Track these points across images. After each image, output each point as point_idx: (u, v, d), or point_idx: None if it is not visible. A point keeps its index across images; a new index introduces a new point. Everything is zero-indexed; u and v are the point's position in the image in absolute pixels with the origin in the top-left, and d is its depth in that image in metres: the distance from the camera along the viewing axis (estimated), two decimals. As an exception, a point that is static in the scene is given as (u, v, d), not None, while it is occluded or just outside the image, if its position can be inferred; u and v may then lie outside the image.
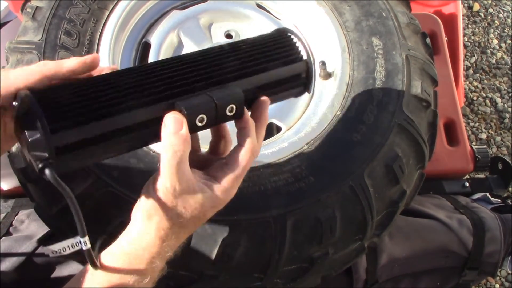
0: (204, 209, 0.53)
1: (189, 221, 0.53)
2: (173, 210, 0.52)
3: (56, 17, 0.81)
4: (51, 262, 0.82)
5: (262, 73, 0.57)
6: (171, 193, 0.51)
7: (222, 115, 0.51)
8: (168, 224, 0.53)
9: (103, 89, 0.48)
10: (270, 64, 0.58)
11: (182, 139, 0.49)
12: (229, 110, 0.51)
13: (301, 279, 0.76)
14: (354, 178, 0.72)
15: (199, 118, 0.50)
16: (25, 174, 0.73)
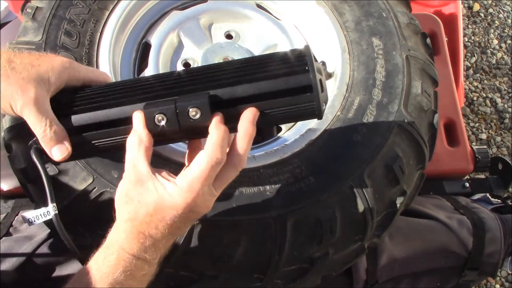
0: (159, 207, 0.53)
1: (146, 217, 0.54)
2: (130, 202, 0.55)
3: (56, 17, 0.81)
4: (51, 263, 0.82)
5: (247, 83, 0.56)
6: (128, 184, 0.55)
7: (185, 117, 0.54)
8: (128, 217, 0.55)
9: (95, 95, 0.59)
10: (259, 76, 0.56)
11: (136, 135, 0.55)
12: (193, 114, 0.54)
13: (301, 280, 0.76)
14: (354, 179, 0.72)
15: (157, 117, 0.55)
16: (25, 175, 0.73)
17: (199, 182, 0.53)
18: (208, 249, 0.69)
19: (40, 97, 0.56)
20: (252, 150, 0.81)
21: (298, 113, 0.56)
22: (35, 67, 0.57)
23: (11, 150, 0.74)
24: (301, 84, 0.55)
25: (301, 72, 0.55)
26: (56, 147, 0.57)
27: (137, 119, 0.55)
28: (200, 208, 0.55)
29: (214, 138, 0.54)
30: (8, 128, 0.75)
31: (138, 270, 0.56)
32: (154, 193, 0.54)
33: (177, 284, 0.73)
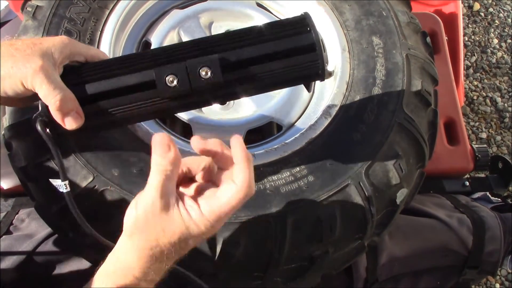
0: (183, 237, 0.52)
1: (167, 246, 0.53)
2: (151, 230, 0.52)
3: (57, 16, 0.81)
4: (51, 261, 0.82)
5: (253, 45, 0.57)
6: (151, 211, 0.52)
7: (196, 77, 0.56)
8: (146, 245, 0.53)
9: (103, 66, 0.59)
10: (263, 38, 0.58)
11: (168, 160, 0.52)
12: (203, 73, 0.55)
13: (301, 278, 0.76)
14: (354, 177, 0.72)
15: (169, 78, 0.55)
16: (25, 173, 0.74)
17: (226, 215, 0.53)
18: (208, 248, 0.69)
19: (48, 67, 0.55)
20: (252, 149, 0.81)
21: (303, 73, 0.59)
22: (37, 45, 0.57)
23: (11, 149, 0.74)
24: (306, 43, 0.57)
25: (304, 32, 0.58)
26: (68, 116, 0.56)
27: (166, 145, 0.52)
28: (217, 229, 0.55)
29: (247, 174, 0.53)
30: (8, 127, 0.75)
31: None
32: (179, 222, 0.52)
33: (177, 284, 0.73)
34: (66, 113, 0.56)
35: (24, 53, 0.56)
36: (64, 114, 0.56)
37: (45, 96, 0.55)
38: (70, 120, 0.57)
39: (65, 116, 0.56)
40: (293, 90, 0.88)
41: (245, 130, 0.85)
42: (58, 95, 0.55)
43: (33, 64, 0.55)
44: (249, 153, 0.54)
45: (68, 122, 0.57)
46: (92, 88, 0.57)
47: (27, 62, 0.55)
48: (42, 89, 0.55)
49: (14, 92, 0.57)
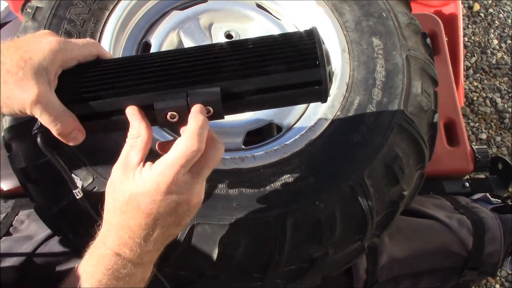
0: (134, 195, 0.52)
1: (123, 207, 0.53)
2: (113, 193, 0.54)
3: (56, 17, 0.81)
4: (51, 262, 0.82)
5: (256, 76, 0.55)
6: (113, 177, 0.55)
7: None
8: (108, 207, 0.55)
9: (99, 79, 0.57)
10: (269, 69, 0.55)
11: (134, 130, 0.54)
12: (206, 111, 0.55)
13: (301, 279, 0.76)
14: (354, 178, 0.72)
15: (170, 115, 0.55)
16: (25, 174, 0.74)
17: (172, 167, 0.51)
18: (208, 249, 0.69)
19: (44, 94, 0.54)
20: (252, 150, 0.81)
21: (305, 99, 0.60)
22: (27, 61, 0.54)
23: (11, 150, 0.74)
24: (312, 79, 0.55)
25: (312, 66, 0.55)
26: (71, 135, 0.57)
27: (132, 114, 0.55)
28: (177, 197, 0.52)
29: (193, 127, 0.52)
30: (8, 128, 0.75)
31: (121, 269, 0.54)
32: (131, 180, 0.53)
33: (177, 284, 0.73)
34: (67, 134, 0.57)
35: (17, 77, 0.53)
36: (66, 136, 0.57)
37: (47, 123, 0.56)
38: (73, 139, 0.57)
39: (67, 136, 0.57)
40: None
41: (245, 132, 0.85)
42: (59, 123, 0.55)
43: (29, 94, 0.53)
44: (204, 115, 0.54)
45: (71, 141, 0.57)
46: (90, 108, 0.57)
47: (23, 90, 0.53)
48: (43, 118, 0.55)
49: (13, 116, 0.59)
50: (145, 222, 0.53)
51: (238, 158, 0.75)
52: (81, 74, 0.58)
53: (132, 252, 0.54)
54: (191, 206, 0.54)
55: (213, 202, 0.70)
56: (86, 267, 0.56)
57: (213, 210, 0.69)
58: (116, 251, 0.54)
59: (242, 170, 0.73)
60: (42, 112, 0.54)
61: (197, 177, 0.54)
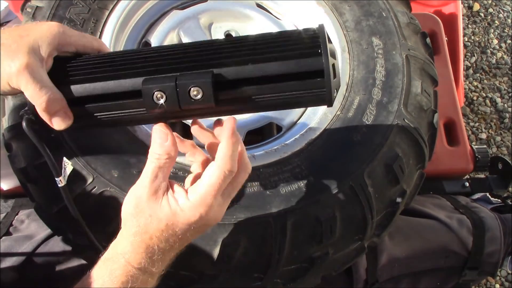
0: (170, 223, 0.52)
1: (156, 233, 0.53)
2: (141, 216, 0.53)
3: (56, 17, 0.81)
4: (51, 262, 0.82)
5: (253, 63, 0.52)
6: (140, 197, 0.53)
7: (186, 97, 0.51)
8: (137, 230, 0.53)
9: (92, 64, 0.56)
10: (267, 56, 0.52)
11: (162, 149, 0.53)
12: (194, 93, 0.51)
13: (301, 279, 0.76)
14: (354, 178, 0.72)
15: (156, 95, 0.51)
16: (25, 174, 0.73)
17: (211, 195, 0.52)
18: (208, 249, 0.69)
19: (34, 65, 0.52)
20: (252, 150, 0.81)
21: (308, 99, 0.53)
22: (23, 37, 0.53)
23: (11, 150, 0.74)
24: (312, 69, 0.51)
25: (313, 55, 0.51)
26: (56, 117, 0.54)
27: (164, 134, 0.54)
28: (211, 221, 0.54)
29: (225, 150, 0.52)
30: (8, 128, 0.75)
31: (143, 284, 0.54)
32: (166, 209, 0.52)
33: (177, 284, 0.73)
34: (53, 113, 0.54)
35: (10, 49, 0.52)
36: (51, 114, 0.54)
37: (31, 96, 0.53)
38: (58, 121, 0.54)
39: (53, 116, 0.54)
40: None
41: (245, 131, 0.85)
42: (45, 95, 0.52)
43: (17, 63, 0.52)
44: (237, 133, 0.53)
45: (56, 123, 0.54)
46: (80, 90, 0.54)
47: (12, 60, 0.52)
48: (28, 90, 0.52)
49: (6, 89, 0.55)
50: (178, 244, 0.54)
51: (238, 157, 0.75)
52: (75, 60, 0.57)
53: (158, 269, 0.55)
54: (213, 225, 0.56)
55: None
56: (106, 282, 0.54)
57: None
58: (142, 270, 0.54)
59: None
60: (27, 82, 0.52)
61: (228, 199, 0.55)
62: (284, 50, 0.52)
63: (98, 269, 0.56)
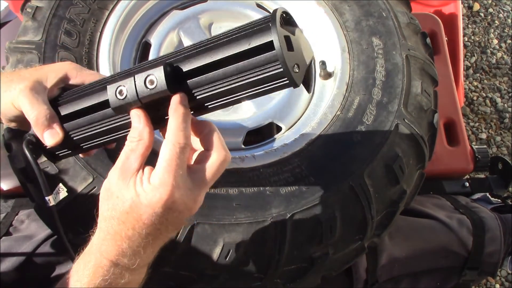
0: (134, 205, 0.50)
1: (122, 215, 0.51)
2: (109, 198, 0.52)
3: (56, 17, 0.81)
4: (51, 262, 0.82)
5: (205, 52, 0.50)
6: (110, 180, 0.52)
7: (142, 87, 0.51)
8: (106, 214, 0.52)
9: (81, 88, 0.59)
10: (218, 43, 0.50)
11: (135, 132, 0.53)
12: (149, 82, 0.51)
13: (301, 279, 0.76)
14: (354, 178, 0.72)
15: (118, 90, 0.53)
16: (25, 174, 0.73)
17: (167, 172, 0.49)
18: (208, 249, 0.69)
19: (35, 87, 0.58)
20: (252, 150, 0.81)
21: (266, 78, 0.49)
22: (38, 70, 0.60)
23: (11, 150, 0.74)
24: (262, 41, 0.47)
25: (263, 30, 0.48)
26: (47, 131, 0.57)
27: (136, 116, 0.53)
28: (179, 205, 0.50)
29: (173, 122, 0.51)
30: (8, 128, 0.75)
31: (118, 279, 0.53)
32: (131, 190, 0.50)
33: (177, 284, 0.73)
34: (43, 128, 0.57)
35: (22, 78, 0.59)
36: (42, 129, 0.57)
37: (26, 112, 0.57)
38: (48, 135, 0.58)
39: (43, 131, 0.57)
40: (293, 91, 0.88)
41: (245, 131, 0.85)
42: (36, 111, 0.57)
43: (22, 85, 0.58)
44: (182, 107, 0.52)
45: (46, 137, 0.58)
46: (65, 108, 0.58)
47: (19, 84, 0.58)
48: (24, 106, 0.57)
49: (12, 115, 0.60)
50: (145, 232, 0.51)
51: (238, 158, 0.75)
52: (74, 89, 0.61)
53: (130, 261, 0.53)
54: (192, 212, 0.53)
55: (213, 201, 0.70)
56: (80, 276, 0.54)
57: (213, 209, 0.69)
58: (113, 261, 0.52)
59: (242, 169, 0.73)
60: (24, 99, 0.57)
61: (200, 185, 0.52)
62: (235, 34, 0.50)
63: (77, 263, 0.55)
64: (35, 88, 0.58)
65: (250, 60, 0.49)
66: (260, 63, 0.48)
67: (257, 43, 0.48)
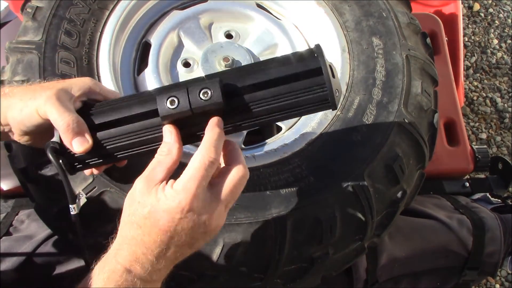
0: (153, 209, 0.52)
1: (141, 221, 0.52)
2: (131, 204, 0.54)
3: (56, 17, 0.81)
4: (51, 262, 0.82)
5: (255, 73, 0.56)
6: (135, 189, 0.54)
7: (196, 97, 0.55)
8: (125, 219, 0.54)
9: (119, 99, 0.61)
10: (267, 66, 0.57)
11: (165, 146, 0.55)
12: (204, 94, 0.54)
13: (301, 279, 0.76)
14: (354, 178, 0.72)
15: (170, 100, 0.55)
16: (25, 174, 0.74)
17: (192, 180, 0.51)
18: (208, 249, 0.69)
19: (61, 95, 0.58)
20: (252, 150, 0.81)
21: (310, 99, 0.55)
22: (60, 82, 0.61)
23: (11, 150, 0.74)
24: (310, 67, 0.55)
25: (310, 57, 0.56)
26: (77, 138, 0.57)
27: (168, 132, 0.55)
28: (195, 216, 0.52)
29: (208, 138, 0.54)
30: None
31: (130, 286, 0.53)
32: (153, 196, 0.53)
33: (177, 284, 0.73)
34: (73, 135, 0.57)
35: (46, 88, 0.59)
36: (71, 136, 0.57)
37: (55, 119, 0.56)
38: (77, 143, 0.57)
39: (73, 138, 0.57)
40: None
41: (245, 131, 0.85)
42: (67, 117, 0.56)
43: (48, 93, 0.57)
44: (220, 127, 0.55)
45: (75, 145, 0.57)
46: (98, 118, 0.59)
47: (44, 91, 0.58)
48: (52, 113, 0.56)
49: (32, 124, 0.59)
50: (160, 239, 0.52)
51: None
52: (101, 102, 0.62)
53: (143, 269, 0.53)
54: (208, 229, 0.53)
55: None
56: (96, 281, 0.54)
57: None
58: (127, 267, 0.53)
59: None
60: (52, 106, 0.56)
61: (218, 198, 0.54)
62: (282, 59, 0.57)
63: (96, 267, 0.56)
64: (62, 96, 0.57)
65: (299, 82, 0.55)
66: (307, 85, 0.55)
67: (304, 68, 0.55)
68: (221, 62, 0.86)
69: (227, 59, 0.86)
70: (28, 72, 0.76)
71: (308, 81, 0.55)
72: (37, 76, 0.76)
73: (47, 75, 0.76)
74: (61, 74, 0.77)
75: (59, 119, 0.56)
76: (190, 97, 0.54)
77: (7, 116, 0.59)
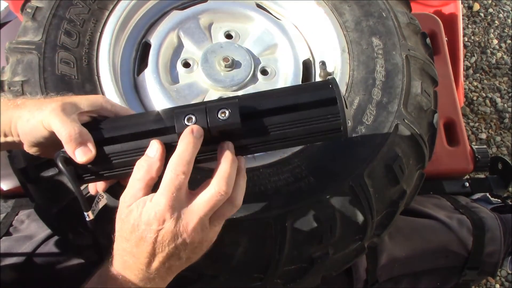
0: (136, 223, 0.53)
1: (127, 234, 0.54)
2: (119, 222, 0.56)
3: (56, 17, 0.81)
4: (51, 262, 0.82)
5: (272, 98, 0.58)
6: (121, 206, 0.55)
7: (214, 117, 0.55)
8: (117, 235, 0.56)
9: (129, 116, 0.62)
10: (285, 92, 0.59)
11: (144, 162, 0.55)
12: (222, 114, 0.55)
13: (301, 279, 0.76)
14: (354, 178, 0.72)
15: (187, 118, 0.55)
16: (25, 174, 0.74)
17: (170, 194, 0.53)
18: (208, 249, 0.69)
19: (67, 107, 0.57)
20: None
21: (324, 126, 0.57)
22: (71, 96, 0.61)
23: (11, 150, 0.74)
24: (325, 97, 0.57)
25: (325, 87, 0.58)
26: (79, 148, 0.57)
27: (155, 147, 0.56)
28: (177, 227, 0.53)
29: (222, 170, 0.54)
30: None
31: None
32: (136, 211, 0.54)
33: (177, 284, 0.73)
34: (76, 145, 0.56)
35: (54, 100, 0.59)
36: (74, 146, 0.56)
37: (58, 130, 0.56)
38: (80, 153, 0.57)
39: (75, 148, 0.57)
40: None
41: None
42: (69, 127, 0.56)
43: (53, 105, 0.57)
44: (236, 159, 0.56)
45: (78, 155, 0.57)
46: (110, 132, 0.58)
47: (50, 104, 0.58)
48: (55, 124, 0.56)
49: (39, 135, 0.58)
50: (146, 250, 0.54)
51: (238, 158, 0.75)
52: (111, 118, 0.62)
53: (135, 276, 0.56)
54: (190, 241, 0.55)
55: None
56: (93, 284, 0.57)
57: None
58: (121, 273, 0.56)
59: (242, 170, 0.73)
60: (56, 117, 0.56)
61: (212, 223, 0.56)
62: (299, 87, 0.61)
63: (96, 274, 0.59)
64: (67, 109, 0.57)
65: (314, 110, 0.57)
66: (322, 114, 0.57)
67: (320, 97, 0.57)
68: (221, 62, 0.86)
69: (227, 59, 0.86)
70: (28, 73, 0.76)
71: (323, 110, 0.57)
72: (37, 77, 0.76)
73: (47, 76, 0.76)
74: (61, 74, 0.77)
75: (61, 129, 0.56)
76: (208, 116, 0.55)
77: (17, 127, 0.59)
